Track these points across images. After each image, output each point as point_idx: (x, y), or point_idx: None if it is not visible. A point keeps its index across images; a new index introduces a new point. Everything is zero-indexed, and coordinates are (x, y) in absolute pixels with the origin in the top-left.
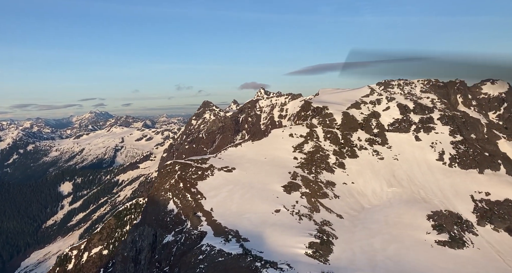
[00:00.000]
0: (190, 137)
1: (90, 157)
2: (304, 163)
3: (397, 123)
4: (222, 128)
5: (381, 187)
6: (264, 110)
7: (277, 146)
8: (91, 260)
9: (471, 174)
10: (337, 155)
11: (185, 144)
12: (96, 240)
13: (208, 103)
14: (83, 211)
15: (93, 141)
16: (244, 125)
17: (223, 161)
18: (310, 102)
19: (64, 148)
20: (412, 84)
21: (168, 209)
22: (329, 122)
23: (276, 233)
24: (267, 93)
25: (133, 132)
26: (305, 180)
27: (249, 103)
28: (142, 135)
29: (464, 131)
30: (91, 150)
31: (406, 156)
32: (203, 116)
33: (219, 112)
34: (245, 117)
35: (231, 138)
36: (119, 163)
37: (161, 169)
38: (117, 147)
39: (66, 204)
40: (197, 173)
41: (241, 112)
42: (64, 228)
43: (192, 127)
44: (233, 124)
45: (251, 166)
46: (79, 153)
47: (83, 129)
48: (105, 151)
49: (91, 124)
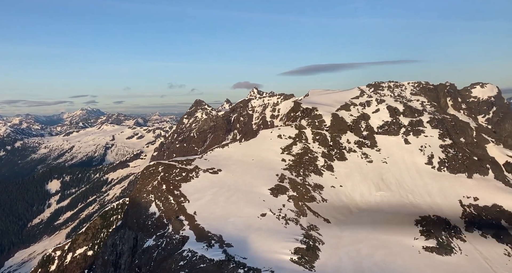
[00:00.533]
0: (181, 136)
1: (80, 154)
2: (292, 165)
3: (386, 126)
4: (213, 128)
5: (369, 190)
6: (256, 110)
7: (265, 147)
8: (75, 261)
9: (460, 179)
10: (326, 157)
11: (176, 143)
12: (81, 241)
13: (200, 102)
14: (71, 209)
15: (83, 138)
16: (236, 125)
17: (209, 162)
18: (299, 103)
19: (53, 145)
20: (402, 86)
21: (150, 212)
22: (318, 124)
23: (261, 238)
24: (260, 93)
25: (124, 130)
26: (293, 182)
27: (241, 103)
28: (133, 134)
29: (453, 135)
30: (81, 148)
31: (395, 159)
32: (195, 115)
33: (211, 111)
34: (237, 117)
35: (223, 137)
36: (110, 161)
37: (143, 170)
38: (107, 144)
39: (54, 202)
40: (181, 175)
41: (233, 111)
42: (50, 227)
43: (183, 126)
44: (224, 123)
45: (238, 168)
46: (69, 150)
47: (73, 126)
48: (95, 149)
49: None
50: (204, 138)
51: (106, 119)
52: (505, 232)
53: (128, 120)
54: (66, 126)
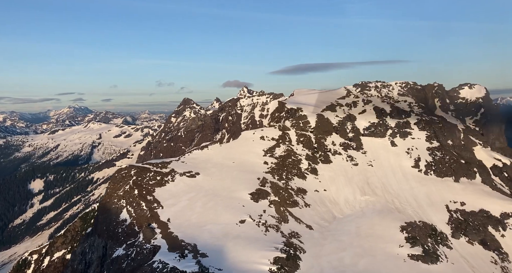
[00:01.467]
0: (169, 135)
1: (65, 153)
2: (275, 168)
3: (373, 128)
4: (201, 127)
5: (354, 195)
6: (245, 109)
7: (246, 149)
8: (52, 265)
9: (447, 182)
10: (310, 160)
11: (163, 142)
12: (60, 244)
13: (189, 101)
14: (55, 209)
15: (69, 136)
16: (224, 124)
17: (186, 165)
18: (284, 103)
19: (37, 144)
20: (389, 86)
21: (121, 219)
22: (303, 125)
23: (239, 247)
24: (250, 92)
25: (111, 129)
26: (275, 186)
27: (230, 102)
28: (120, 132)
29: (441, 137)
30: (66, 146)
31: (381, 162)
32: (183, 114)
33: (199, 110)
34: (225, 116)
35: (211, 137)
36: (96, 160)
37: (115, 173)
38: (94, 143)
39: (37, 202)
40: (155, 179)
41: (221, 111)
42: (33, 228)
43: (171, 125)
44: (213, 123)
45: (217, 171)
46: (54, 149)
47: (59, 124)
48: (82, 147)
49: (69, 120)
50: (191, 137)
51: (94, 117)
52: (492, 239)
53: (116, 119)
54: (52, 124)
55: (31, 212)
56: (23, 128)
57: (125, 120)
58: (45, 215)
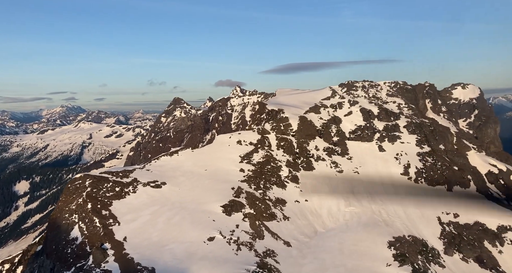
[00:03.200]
0: (158, 135)
1: (54, 153)
2: (252, 176)
3: (359, 131)
4: (191, 127)
5: (338, 206)
6: (235, 109)
7: (221, 155)
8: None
9: (439, 191)
10: (291, 166)
11: (153, 142)
12: (33, 252)
13: (179, 100)
14: (40, 212)
15: (58, 136)
16: (214, 125)
17: (151, 174)
18: (264, 104)
19: (26, 144)
20: (378, 86)
21: (71, 237)
22: (284, 128)
23: (205, 270)
24: (242, 92)
25: (102, 129)
26: (251, 197)
27: (220, 101)
28: (112, 132)
29: (432, 142)
30: (56, 146)
31: (367, 169)
32: (173, 113)
33: (190, 110)
34: (215, 116)
35: (201, 137)
36: (86, 160)
37: (68, 184)
38: (84, 143)
39: (22, 204)
40: (113, 190)
41: (211, 110)
42: (17, 231)
43: (161, 125)
44: (203, 123)
45: (187, 180)
46: (43, 149)
47: (50, 124)
48: (71, 148)
49: (60, 119)
50: (181, 138)
51: (86, 117)
52: (489, 255)
53: (109, 118)
54: (43, 124)
55: (15, 215)
56: (13, 128)
57: (118, 120)
58: (30, 218)
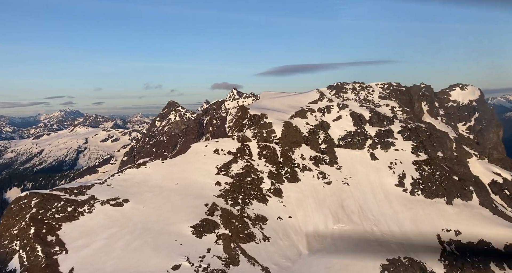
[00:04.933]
0: (153, 139)
1: (49, 158)
2: (229, 190)
3: (349, 137)
4: (184, 131)
5: (325, 222)
6: (230, 112)
7: (196, 166)
8: None
9: (438, 205)
10: (274, 178)
11: (147, 147)
12: None
13: (174, 104)
14: None
15: (54, 141)
16: (208, 128)
17: (113, 190)
18: (247, 108)
19: (21, 149)
20: (369, 88)
21: (8, 269)
22: (267, 135)
23: None
24: (239, 94)
25: (98, 133)
26: (227, 215)
27: (214, 105)
28: (108, 136)
29: (429, 148)
30: (51, 151)
31: (358, 180)
32: (168, 117)
33: (185, 113)
34: (209, 119)
35: (194, 141)
36: (82, 165)
37: (11, 203)
38: (80, 148)
39: None
40: (65, 210)
41: (206, 114)
42: None
43: (155, 129)
44: (196, 127)
45: (153, 197)
46: (38, 154)
47: (47, 129)
48: (67, 153)
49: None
50: (174, 142)
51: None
52: None
53: (106, 122)
54: (40, 129)
55: None
56: (9, 133)
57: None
58: None
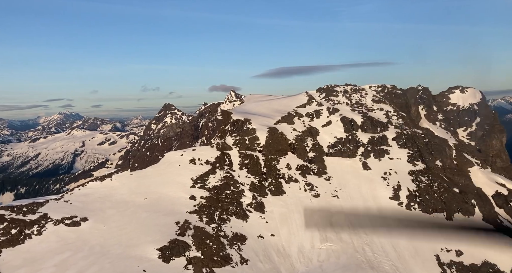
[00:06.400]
0: (148, 143)
1: (46, 162)
2: (205, 205)
3: (340, 145)
4: (179, 134)
5: (312, 241)
6: None
7: (168, 179)
8: None
9: (437, 221)
10: (256, 190)
11: (143, 150)
12: None
13: (170, 106)
14: None
15: (50, 144)
16: (204, 131)
17: (70, 207)
18: (229, 113)
19: (17, 153)
20: (362, 91)
21: None
22: (249, 143)
23: None
24: (237, 96)
25: (95, 136)
26: (200, 234)
27: (210, 107)
28: (105, 139)
29: (427, 157)
30: (47, 155)
31: (349, 192)
32: (164, 120)
33: (181, 116)
34: (205, 122)
35: (190, 145)
36: (78, 168)
37: None
38: (76, 151)
39: None
40: (8, 233)
41: (201, 117)
42: None
43: (151, 132)
44: (192, 130)
45: (117, 214)
46: (34, 157)
47: (45, 132)
48: (63, 156)
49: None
50: (169, 146)
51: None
52: None
53: (105, 125)
54: (38, 132)
55: None
56: (7, 136)
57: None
58: None
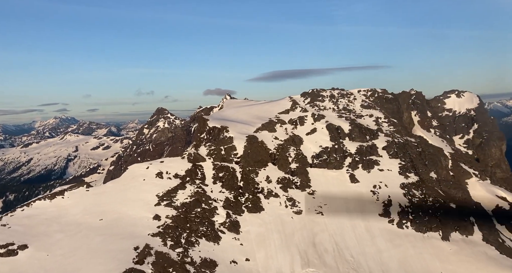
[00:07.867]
0: (140, 148)
1: (38, 167)
2: (171, 226)
3: (325, 155)
4: (171, 139)
5: (292, 266)
6: None
7: (130, 195)
8: None
9: (431, 241)
10: (230, 208)
11: (135, 155)
12: None
13: (162, 110)
14: None
15: (43, 149)
16: (196, 136)
17: (8, 231)
18: (206, 119)
19: (8, 158)
20: (350, 96)
21: None
22: (226, 153)
23: None
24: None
25: (89, 141)
26: (162, 261)
27: (202, 111)
28: (99, 144)
29: (420, 168)
30: (40, 160)
31: (335, 208)
32: (157, 124)
33: (174, 120)
34: (197, 127)
35: (182, 150)
36: (71, 174)
37: None
38: (69, 156)
39: None
40: None
41: (194, 121)
42: None
43: (143, 137)
44: (184, 134)
45: (65, 239)
46: (26, 163)
47: (39, 136)
48: (56, 161)
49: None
50: (161, 151)
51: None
52: None
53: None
54: (32, 137)
55: None
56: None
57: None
58: None
